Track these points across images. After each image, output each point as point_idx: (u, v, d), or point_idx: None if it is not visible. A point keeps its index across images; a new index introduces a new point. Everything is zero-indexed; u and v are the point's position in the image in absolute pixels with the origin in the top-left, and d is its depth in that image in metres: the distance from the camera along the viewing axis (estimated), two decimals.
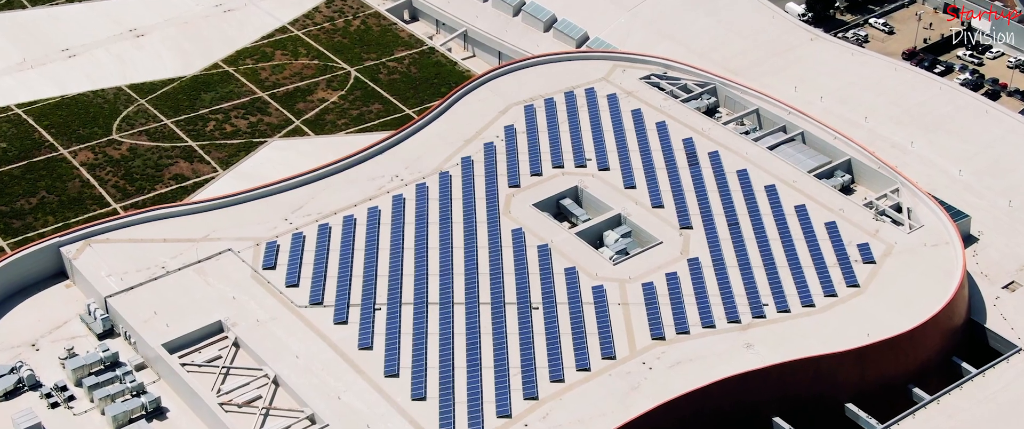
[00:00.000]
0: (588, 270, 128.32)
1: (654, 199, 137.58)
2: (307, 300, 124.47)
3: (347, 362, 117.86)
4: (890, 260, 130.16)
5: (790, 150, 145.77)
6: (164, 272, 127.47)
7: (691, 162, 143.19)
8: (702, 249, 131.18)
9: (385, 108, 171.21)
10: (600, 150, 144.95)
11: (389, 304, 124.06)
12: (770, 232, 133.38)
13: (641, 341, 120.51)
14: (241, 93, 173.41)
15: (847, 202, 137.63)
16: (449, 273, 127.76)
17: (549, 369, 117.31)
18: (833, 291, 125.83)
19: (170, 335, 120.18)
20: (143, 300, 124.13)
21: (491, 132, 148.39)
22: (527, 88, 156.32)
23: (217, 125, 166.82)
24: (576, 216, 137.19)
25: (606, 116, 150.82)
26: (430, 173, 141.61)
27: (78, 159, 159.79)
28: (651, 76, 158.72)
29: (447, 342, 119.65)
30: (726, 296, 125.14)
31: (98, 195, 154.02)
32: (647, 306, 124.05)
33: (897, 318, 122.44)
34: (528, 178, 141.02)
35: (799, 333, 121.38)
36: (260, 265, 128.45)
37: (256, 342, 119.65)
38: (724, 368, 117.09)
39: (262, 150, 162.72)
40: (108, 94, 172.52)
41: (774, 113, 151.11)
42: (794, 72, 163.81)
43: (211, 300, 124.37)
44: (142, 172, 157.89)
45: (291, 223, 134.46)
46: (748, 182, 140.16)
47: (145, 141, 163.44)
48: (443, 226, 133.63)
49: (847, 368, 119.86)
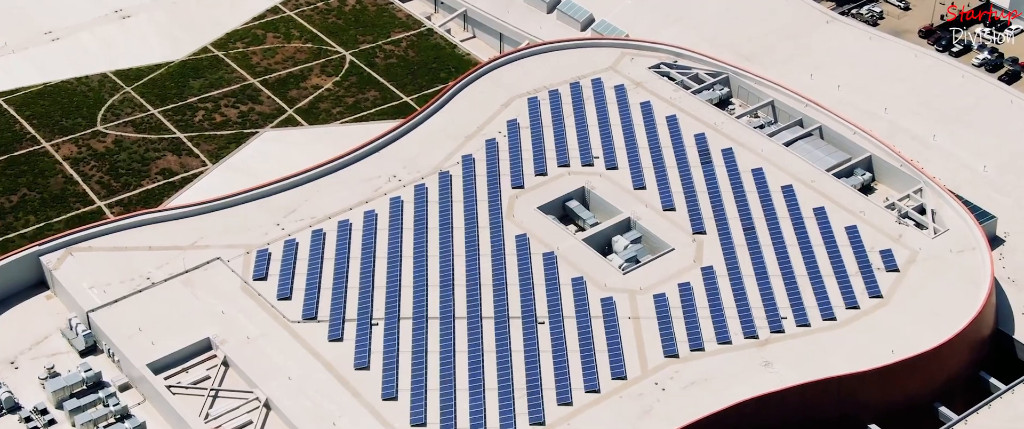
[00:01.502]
0: (596, 280, 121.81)
1: (665, 201, 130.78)
2: (300, 315, 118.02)
3: (342, 383, 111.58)
4: (914, 268, 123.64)
5: (807, 146, 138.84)
6: (149, 284, 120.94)
7: (704, 160, 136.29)
8: (716, 256, 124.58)
9: (382, 95, 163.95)
10: (608, 147, 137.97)
11: (387, 319, 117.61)
12: (788, 237, 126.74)
13: (653, 359, 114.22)
14: (231, 79, 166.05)
15: (868, 204, 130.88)
16: (450, 284, 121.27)
17: (556, 390, 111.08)
18: (855, 303, 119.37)
19: (156, 354, 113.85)
20: (127, 315, 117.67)
21: (493, 127, 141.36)
22: (531, 78, 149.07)
23: (206, 115, 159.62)
24: (583, 219, 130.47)
25: (614, 109, 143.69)
26: (429, 173, 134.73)
27: (61, 153, 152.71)
28: (661, 65, 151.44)
29: (448, 361, 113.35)
30: (742, 309, 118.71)
31: (82, 192, 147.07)
32: (659, 320, 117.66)
33: (923, 333, 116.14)
34: (532, 178, 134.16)
35: (820, 350, 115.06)
36: (251, 275, 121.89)
37: (246, 362, 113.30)
38: (741, 390, 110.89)
39: (253, 142, 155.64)
40: (93, 81, 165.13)
41: (790, 106, 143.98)
42: (810, 58, 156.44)
43: (199, 315, 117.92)
44: (128, 166, 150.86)
45: (283, 229, 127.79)
46: (764, 182, 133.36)
47: (131, 133, 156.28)
48: (443, 232, 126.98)
49: (871, 388, 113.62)
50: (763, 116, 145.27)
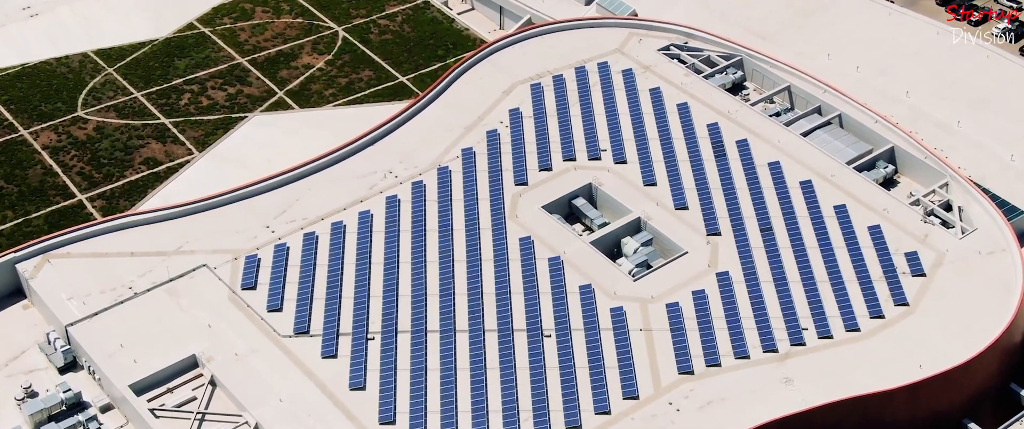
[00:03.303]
0: (605, 287, 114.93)
1: (677, 199, 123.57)
2: (292, 329, 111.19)
3: (337, 406, 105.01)
4: (941, 272, 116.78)
5: (826, 136, 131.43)
6: (132, 294, 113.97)
7: (717, 153, 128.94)
8: (732, 261, 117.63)
9: (376, 75, 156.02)
10: (616, 139, 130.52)
11: (383, 333, 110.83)
12: (807, 239, 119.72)
13: (667, 376, 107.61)
14: (218, 59, 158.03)
15: (892, 200, 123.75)
16: (450, 293, 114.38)
17: (564, 412, 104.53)
18: (880, 312, 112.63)
19: (138, 374, 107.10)
20: (108, 329, 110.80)
21: (494, 117, 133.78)
22: (533, 62, 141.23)
23: (192, 98, 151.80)
24: (590, 219, 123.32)
25: (622, 97, 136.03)
26: (427, 168, 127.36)
27: (40, 141, 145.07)
28: (670, 46, 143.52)
29: (449, 380, 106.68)
30: (760, 319, 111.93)
31: (62, 184, 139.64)
32: (672, 332, 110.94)
33: (952, 344, 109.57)
34: (536, 174, 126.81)
35: (843, 364, 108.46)
36: (239, 284, 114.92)
37: (235, 382, 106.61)
38: (760, 410, 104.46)
39: (242, 127, 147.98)
40: (73, 62, 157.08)
41: (808, 91, 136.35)
42: (827, 36, 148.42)
43: (184, 329, 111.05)
44: (110, 155, 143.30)
45: (273, 231, 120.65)
46: (781, 177, 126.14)
47: (113, 118, 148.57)
48: (443, 234, 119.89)
49: (898, 405, 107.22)
50: (779, 103, 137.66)
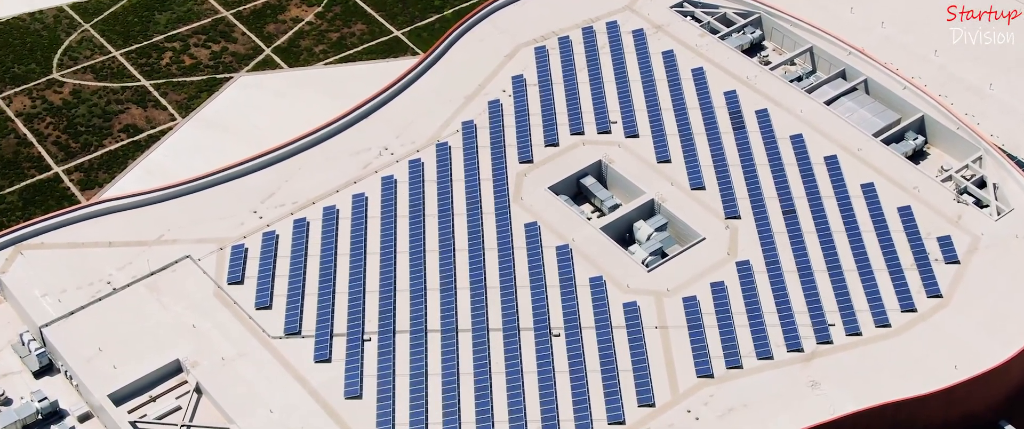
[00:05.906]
0: (617, 279, 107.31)
1: (693, 179, 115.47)
2: (282, 329, 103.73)
3: (332, 416, 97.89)
4: (976, 258, 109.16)
5: (852, 105, 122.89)
6: (111, 290, 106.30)
7: (736, 125, 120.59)
8: (753, 248, 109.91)
9: (369, 29, 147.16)
10: (627, 110, 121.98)
11: (381, 333, 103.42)
12: (833, 222, 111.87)
13: (685, 380, 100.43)
14: (202, 13, 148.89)
15: (922, 177, 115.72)
16: (451, 287, 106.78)
17: (575, 422, 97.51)
18: (911, 305, 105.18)
19: (118, 382, 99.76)
20: (85, 330, 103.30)
21: (496, 85, 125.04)
22: (537, 22, 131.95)
23: (174, 56, 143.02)
24: (601, 200, 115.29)
25: (632, 61, 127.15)
26: (425, 144, 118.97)
27: (13, 107, 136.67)
28: (684, 3, 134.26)
29: (452, 387, 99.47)
30: (784, 314, 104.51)
31: (36, 155, 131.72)
32: (690, 329, 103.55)
33: (989, 341, 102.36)
34: (542, 150, 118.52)
35: (873, 365, 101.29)
36: (225, 278, 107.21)
37: (221, 390, 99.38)
38: (786, 418, 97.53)
39: (227, 89, 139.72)
40: (47, 17, 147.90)
41: (831, 54, 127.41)
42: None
43: (167, 329, 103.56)
44: (87, 123, 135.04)
45: (261, 217, 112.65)
46: (804, 151, 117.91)
47: (90, 81, 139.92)
48: (443, 220, 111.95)
49: (931, 410, 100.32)
50: (800, 66, 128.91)
